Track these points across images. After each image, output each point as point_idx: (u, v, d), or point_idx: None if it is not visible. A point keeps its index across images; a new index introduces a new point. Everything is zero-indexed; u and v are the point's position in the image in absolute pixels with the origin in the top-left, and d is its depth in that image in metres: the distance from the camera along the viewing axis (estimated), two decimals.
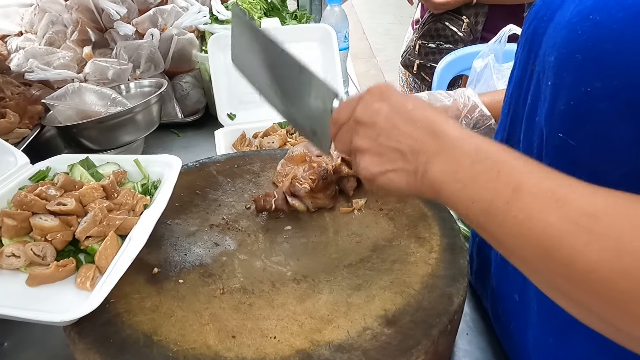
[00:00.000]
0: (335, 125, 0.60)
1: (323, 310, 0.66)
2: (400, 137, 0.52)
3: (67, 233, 0.70)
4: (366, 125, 0.55)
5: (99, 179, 0.82)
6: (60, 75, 1.29)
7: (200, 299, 0.69)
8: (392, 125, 0.53)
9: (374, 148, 0.54)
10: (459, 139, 0.50)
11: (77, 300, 0.64)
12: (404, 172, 0.53)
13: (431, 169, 0.50)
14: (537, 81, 0.59)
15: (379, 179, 0.55)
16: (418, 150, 0.51)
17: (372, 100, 0.56)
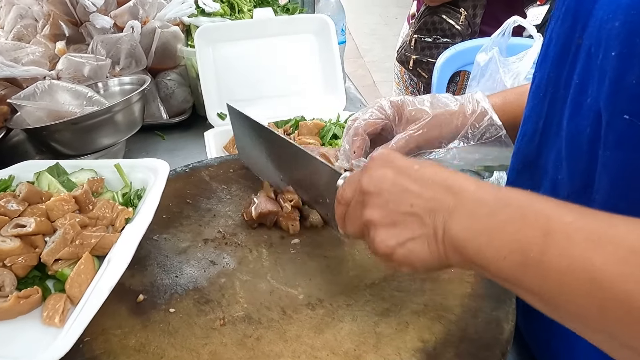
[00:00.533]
0: (341, 205, 0.55)
1: (347, 343, 0.55)
2: (412, 200, 0.48)
3: (31, 256, 0.57)
4: (373, 195, 0.50)
5: (71, 188, 0.70)
6: (29, 72, 1.16)
7: (196, 332, 0.57)
8: (400, 189, 0.49)
9: (386, 218, 0.49)
10: (475, 190, 0.46)
11: (44, 341, 0.52)
12: (423, 237, 0.47)
13: (451, 227, 0.45)
14: (587, 56, 0.51)
15: (398, 253, 0.48)
16: (434, 210, 0.47)
17: (375, 168, 0.51)
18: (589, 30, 0.51)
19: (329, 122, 1.21)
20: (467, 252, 0.44)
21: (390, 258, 0.49)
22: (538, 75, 0.64)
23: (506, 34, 1.57)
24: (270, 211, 0.73)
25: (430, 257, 0.47)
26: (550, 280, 0.38)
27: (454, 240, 0.45)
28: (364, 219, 0.51)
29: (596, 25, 0.49)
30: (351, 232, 0.55)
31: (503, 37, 1.58)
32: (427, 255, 0.47)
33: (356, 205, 0.53)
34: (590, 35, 0.51)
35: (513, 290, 0.43)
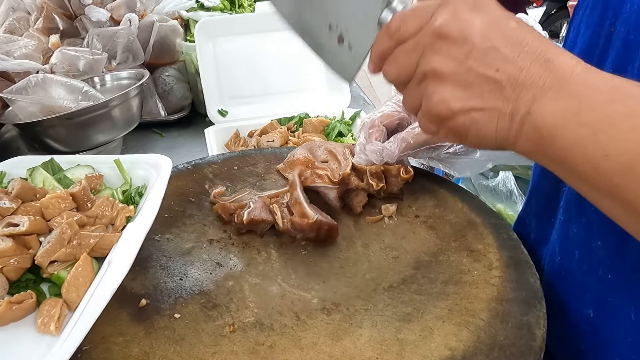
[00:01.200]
0: (392, 39, 0.43)
1: (368, 351, 0.51)
2: (499, 63, 0.39)
3: (24, 258, 0.53)
4: (452, 40, 0.40)
5: (67, 185, 0.65)
6: (22, 65, 1.11)
7: (204, 340, 0.53)
8: (489, 45, 0.39)
9: (460, 74, 0.40)
10: (582, 71, 0.37)
11: (38, 350, 0.47)
12: (496, 112, 0.39)
13: (539, 110, 0.38)
14: (623, 43, 0.48)
15: (458, 119, 0.40)
16: (522, 83, 0.38)
17: (462, 8, 0.40)
18: (623, 16, 0.48)
19: (333, 119, 1.18)
20: (554, 143, 0.37)
21: (443, 123, 0.41)
22: None
23: None
24: (264, 220, 0.67)
25: (494, 135, 0.40)
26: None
27: (539, 125, 0.37)
28: (428, 66, 0.41)
29: (634, 9, 0.46)
30: (393, 74, 0.44)
31: None
32: (491, 132, 0.40)
33: (417, 45, 0.42)
34: (626, 21, 0.48)
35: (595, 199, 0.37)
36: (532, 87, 0.38)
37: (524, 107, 0.38)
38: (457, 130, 0.41)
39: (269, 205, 0.70)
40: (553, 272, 0.63)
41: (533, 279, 0.58)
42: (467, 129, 0.41)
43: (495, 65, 0.39)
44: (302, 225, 0.64)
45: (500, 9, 0.41)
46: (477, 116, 0.40)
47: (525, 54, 0.39)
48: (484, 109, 0.40)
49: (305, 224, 0.64)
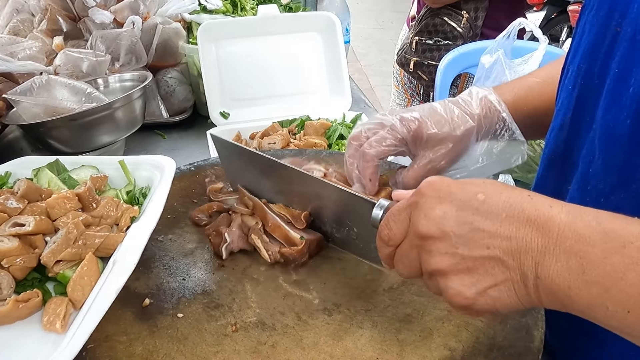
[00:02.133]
0: (388, 246, 0.47)
1: (369, 351, 0.51)
2: (487, 241, 0.40)
3: (30, 257, 0.54)
4: (437, 240, 0.42)
5: (72, 185, 0.66)
6: (26, 67, 1.11)
7: (206, 339, 0.53)
8: (469, 228, 0.40)
9: (458, 265, 0.41)
10: (567, 222, 0.37)
11: (44, 348, 0.48)
12: (508, 283, 0.40)
13: (545, 273, 0.38)
14: (629, 44, 0.48)
15: (479, 302, 0.41)
16: (517, 251, 0.39)
17: (430, 204, 0.43)
18: (630, 17, 0.48)
19: (334, 122, 1.19)
20: (574, 302, 0.37)
21: (469, 308, 0.42)
22: (570, 69, 0.61)
23: (511, 37, 1.56)
24: (243, 249, 0.66)
25: (518, 303, 0.40)
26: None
27: (552, 288, 0.37)
28: (430, 268, 0.43)
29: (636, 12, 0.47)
30: (406, 275, 0.47)
31: (508, 39, 1.56)
32: (514, 302, 0.40)
33: (411, 249, 0.45)
34: (633, 21, 0.48)
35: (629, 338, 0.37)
36: (529, 251, 0.38)
37: (531, 273, 0.39)
38: (485, 310, 0.42)
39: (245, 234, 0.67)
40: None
41: None
42: (492, 306, 0.41)
43: (484, 244, 0.40)
44: (294, 254, 0.62)
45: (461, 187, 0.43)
46: (494, 293, 0.41)
47: (506, 223, 0.39)
48: (497, 285, 0.40)
49: (296, 252, 0.62)
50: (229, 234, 0.65)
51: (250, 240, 0.65)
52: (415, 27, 1.97)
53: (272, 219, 0.66)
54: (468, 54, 1.81)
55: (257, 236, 0.65)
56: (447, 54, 1.84)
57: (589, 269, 0.35)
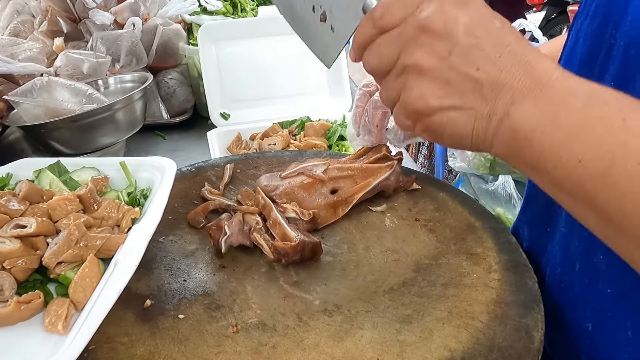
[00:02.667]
0: (374, 27, 0.42)
1: (369, 352, 0.51)
2: (481, 62, 0.38)
3: (32, 259, 0.54)
4: (436, 35, 0.39)
5: (73, 187, 0.66)
6: (26, 68, 1.12)
7: (208, 340, 0.53)
8: (473, 42, 0.38)
9: (441, 70, 0.39)
10: (561, 77, 0.37)
11: (46, 349, 0.48)
12: (474, 112, 0.39)
13: (516, 112, 0.37)
14: (623, 57, 0.47)
15: (435, 116, 0.40)
16: (501, 84, 0.38)
17: (449, 2, 0.39)
18: (624, 29, 0.47)
19: (334, 123, 1.19)
20: (530, 146, 0.37)
21: (420, 119, 0.41)
22: None
23: None
24: (242, 244, 0.67)
25: (469, 135, 0.40)
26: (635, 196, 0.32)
27: (516, 128, 0.37)
28: (409, 60, 0.40)
29: (635, 23, 0.45)
30: (373, 65, 0.43)
31: None
32: (467, 132, 0.40)
33: (400, 36, 0.41)
34: (626, 35, 0.47)
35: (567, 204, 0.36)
36: (512, 89, 0.38)
37: (502, 109, 0.38)
38: (433, 128, 0.41)
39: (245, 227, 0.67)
40: (554, 284, 0.63)
41: (531, 282, 0.59)
42: (443, 128, 0.40)
43: (476, 63, 0.38)
44: (286, 249, 0.62)
45: (486, 6, 0.41)
46: (454, 115, 0.40)
47: (507, 55, 0.38)
48: (462, 108, 0.39)
49: (288, 248, 0.62)
50: (228, 226, 0.65)
51: (253, 238, 0.65)
52: None
53: (275, 216, 0.67)
54: None
55: (258, 234, 0.65)
56: None
57: (562, 116, 0.36)
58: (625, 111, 0.35)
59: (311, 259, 0.65)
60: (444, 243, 0.68)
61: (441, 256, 0.65)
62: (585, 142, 0.35)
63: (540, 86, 0.37)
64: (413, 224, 0.72)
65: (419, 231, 0.71)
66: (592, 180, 0.34)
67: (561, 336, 0.63)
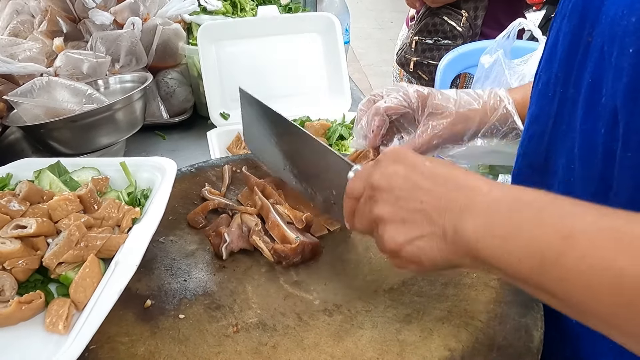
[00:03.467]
0: (350, 199, 0.53)
1: (369, 351, 0.52)
2: (422, 197, 0.47)
3: (33, 259, 0.54)
4: (383, 190, 0.49)
5: (73, 187, 0.67)
6: (26, 68, 1.12)
7: (208, 340, 0.54)
8: (411, 185, 0.48)
9: (396, 214, 0.48)
10: (488, 191, 0.44)
11: (47, 349, 0.48)
12: (432, 236, 0.46)
13: (462, 227, 0.43)
14: (600, 55, 0.49)
15: (406, 249, 0.47)
16: (444, 208, 0.45)
17: (387, 164, 0.50)
18: (599, 28, 0.49)
19: (334, 123, 1.19)
20: (480, 254, 0.42)
21: (397, 255, 0.48)
22: (544, 76, 0.61)
23: (511, 37, 1.56)
24: (243, 249, 0.67)
25: (439, 256, 0.46)
26: (571, 282, 0.37)
27: (464, 241, 0.43)
28: (374, 214, 0.49)
29: (608, 22, 0.47)
30: (360, 228, 0.53)
31: (508, 39, 1.56)
32: (435, 254, 0.46)
33: (366, 201, 0.51)
34: (601, 33, 0.49)
35: (533, 294, 0.41)
36: (453, 210, 0.44)
37: (450, 228, 0.44)
38: (411, 259, 0.47)
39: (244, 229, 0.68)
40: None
41: None
42: (418, 256, 0.47)
43: (419, 199, 0.46)
44: (286, 251, 0.63)
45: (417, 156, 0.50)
46: (420, 243, 0.46)
47: (440, 185, 0.46)
48: (423, 236, 0.46)
49: (289, 250, 0.63)
50: (228, 233, 0.65)
51: (252, 241, 0.65)
52: (415, 26, 1.97)
53: (273, 218, 0.67)
54: (468, 53, 1.81)
55: (258, 237, 0.65)
56: (446, 53, 1.85)
57: (495, 224, 0.41)
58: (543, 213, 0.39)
59: (311, 259, 0.66)
60: None
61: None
62: (517, 246, 0.40)
63: (474, 202, 0.43)
64: None
65: None
66: (534, 274, 0.39)
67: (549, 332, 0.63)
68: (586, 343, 0.56)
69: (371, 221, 0.51)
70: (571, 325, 0.58)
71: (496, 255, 0.41)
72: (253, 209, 0.70)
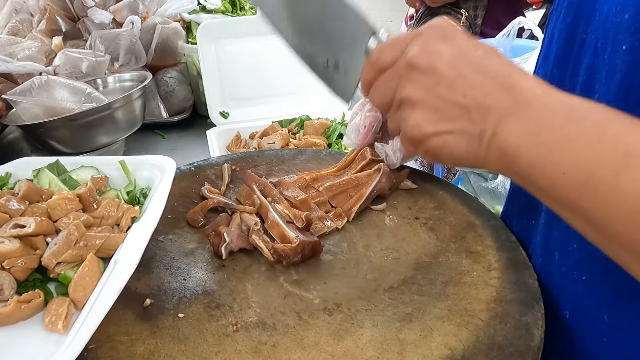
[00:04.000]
0: (373, 69, 0.49)
1: (369, 350, 0.51)
2: (466, 89, 0.42)
3: (31, 258, 0.54)
4: (422, 71, 0.44)
5: (72, 186, 0.66)
6: (25, 67, 1.12)
7: (208, 339, 0.53)
8: (456, 73, 0.43)
9: (430, 100, 0.44)
10: (542, 95, 0.40)
11: (46, 348, 0.48)
12: (466, 134, 0.43)
13: (503, 131, 0.41)
14: (593, 51, 0.49)
15: (431, 141, 0.44)
16: (488, 107, 0.42)
17: (432, 40, 0.44)
18: (593, 25, 0.49)
19: (334, 122, 1.19)
20: (517, 161, 0.40)
21: (419, 144, 0.45)
22: (541, 72, 0.62)
23: (511, 35, 1.56)
24: (242, 248, 0.67)
25: (465, 155, 0.43)
26: (615, 204, 0.34)
27: (504, 145, 0.40)
28: (402, 94, 0.45)
29: (602, 18, 0.47)
30: (377, 101, 0.50)
31: (508, 38, 1.56)
32: (462, 153, 0.44)
33: (394, 75, 0.47)
34: (595, 30, 0.49)
35: (560, 213, 0.39)
36: (497, 110, 0.41)
37: (490, 129, 0.41)
38: (431, 151, 0.45)
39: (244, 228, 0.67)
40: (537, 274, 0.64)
41: (531, 280, 0.59)
42: (440, 150, 0.44)
43: (462, 91, 0.42)
44: (286, 251, 0.62)
45: (469, 38, 0.45)
46: (448, 138, 0.44)
47: (490, 80, 0.42)
48: (454, 132, 0.43)
49: (289, 249, 0.62)
50: (228, 233, 0.65)
51: (251, 240, 0.65)
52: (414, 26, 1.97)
53: (272, 217, 0.67)
54: None
55: (257, 236, 0.65)
56: None
57: (544, 132, 0.39)
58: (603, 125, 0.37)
59: (311, 257, 0.65)
60: (443, 241, 0.68)
61: (441, 254, 0.65)
62: (565, 156, 0.37)
63: (523, 106, 0.40)
64: (413, 223, 0.72)
65: (418, 229, 0.71)
66: (575, 190, 0.37)
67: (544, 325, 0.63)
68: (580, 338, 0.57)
69: (394, 99, 0.47)
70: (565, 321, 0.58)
71: (537, 165, 0.39)
72: (252, 208, 0.70)
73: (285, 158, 0.89)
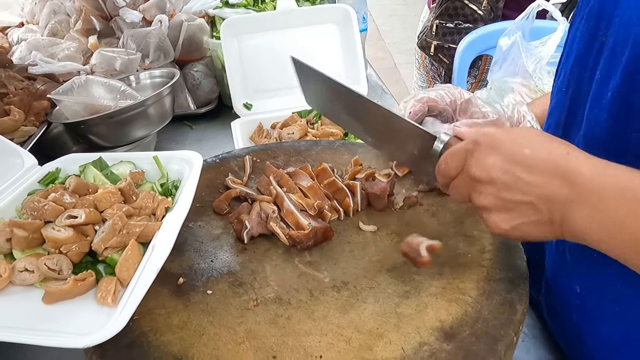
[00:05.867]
0: (444, 178, 0.58)
1: (370, 322, 0.59)
2: (525, 189, 0.49)
3: (84, 244, 0.63)
4: (484, 183, 0.52)
5: (113, 180, 0.76)
6: (66, 67, 1.22)
7: (232, 312, 0.62)
8: (512, 177, 0.50)
9: (499, 205, 0.51)
10: (592, 177, 0.46)
11: (99, 319, 0.58)
12: (539, 223, 0.50)
13: (570, 218, 0.47)
14: (610, 54, 0.54)
15: (513, 233, 0.52)
16: (549, 199, 0.48)
17: (484, 154, 0.52)
18: (612, 29, 0.53)
19: None
20: (588, 239, 0.48)
21: (504, 235, 0.53)
22: (562, 71, 0.66)
23: (530, 18, 1.56)
24: (262, 234, 0.74)
25: (544, 236, 0.51)
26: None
27: (572, 228, 0.48)
28: (477, 203, 0.54)
29: (623, 25, 0.52)
30: (459, 200, 0.58)
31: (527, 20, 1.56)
32: (541, 236, 0.51)
33: (463, 184, 0.55)
34: (615, 34, 0.53)
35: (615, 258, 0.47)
36: (558, 198, 0.48)
37: (558, 217, 0.48)
38: (517, 239, 0.53)
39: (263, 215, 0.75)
40: (550, 254, 0.70)
41: (520, 262, 0.65)
42: (523, 237, 0.52)
43: (522, 191, 0.49)
44: (300, 236, 0.70)
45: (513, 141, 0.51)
46: (525, 228, 0.51)
47: (542, 175, 0.48)
48: (529, 223, 0.50)
49: (302, 235, 0.70)
50: (248, 221, 0.73)
51: (269, 227, 0.73)
52: (436, 10, 1.97)
53: (287, 206, 0.74)
54: (487, 35, 1.82)
55: (274, 223, 0.73)
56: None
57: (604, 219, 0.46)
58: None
59: (323, 241, 0.73)
60: (444, 226, 0.74)
61: (441, 238, 0.71)
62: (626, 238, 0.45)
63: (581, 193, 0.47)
64: (417, 208, 0.79)
65: (422, 215, 0.77)
66: (634, 253, 0.45)
67: (556, 300, 0.69)
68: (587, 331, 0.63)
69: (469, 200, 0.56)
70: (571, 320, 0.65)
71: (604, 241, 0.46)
72: (269, 197, 0.78)
73: (302, 149, 0.96)
